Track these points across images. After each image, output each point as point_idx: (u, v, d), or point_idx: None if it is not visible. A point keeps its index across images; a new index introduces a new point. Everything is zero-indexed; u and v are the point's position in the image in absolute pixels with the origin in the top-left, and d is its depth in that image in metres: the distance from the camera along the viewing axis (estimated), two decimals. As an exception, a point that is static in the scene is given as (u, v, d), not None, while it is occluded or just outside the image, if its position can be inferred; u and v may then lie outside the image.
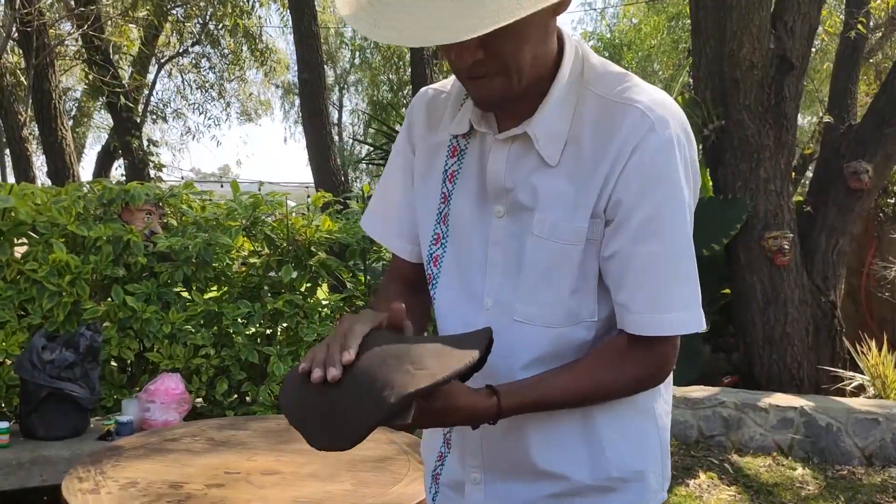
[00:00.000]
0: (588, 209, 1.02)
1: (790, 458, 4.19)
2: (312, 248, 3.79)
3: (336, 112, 23.11)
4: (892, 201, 6.35)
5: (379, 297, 1.24)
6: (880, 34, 8.14)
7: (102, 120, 12.48)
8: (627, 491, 1.11)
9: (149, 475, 1.57)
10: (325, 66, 8.81)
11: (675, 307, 1.02)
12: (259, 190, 3.94)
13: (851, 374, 5.14)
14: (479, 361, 0.98)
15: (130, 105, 7.72)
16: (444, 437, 1.19)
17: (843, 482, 3.86)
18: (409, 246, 1.22)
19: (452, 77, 1.14)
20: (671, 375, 1.16)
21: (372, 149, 8.37)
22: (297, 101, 21.80)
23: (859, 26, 5.58)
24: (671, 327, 1.02)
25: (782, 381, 5.22)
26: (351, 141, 23.69)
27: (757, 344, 5.27)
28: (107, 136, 10.85)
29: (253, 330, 3.63)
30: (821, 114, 9.58)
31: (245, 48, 9.61)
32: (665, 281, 1.02)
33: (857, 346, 5.30)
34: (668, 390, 1.18)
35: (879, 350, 5.09)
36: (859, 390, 5.08)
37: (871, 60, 7.95)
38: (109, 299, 3.40)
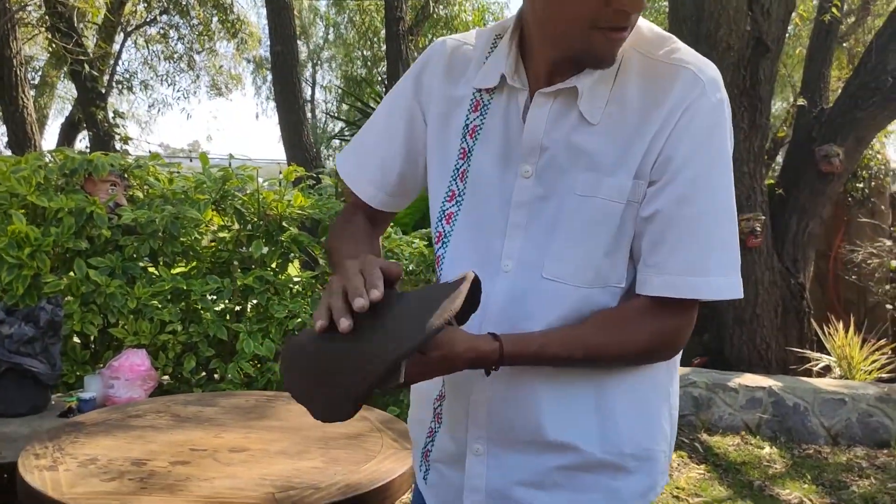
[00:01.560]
0: (632, 169, 0.99)
1: (758, 437, 4.24)
2: (284, 224, 3.70)
3: (309, 89, 22.81)
4: (861, 186, 6.42)
5: (346, 237, 1.18)
6: (853, 19, 8.19)
7: (66, 91, 12.16)
8: (637, 470, 1.07)
9: (110, 452, 1.50)
10: (298, 41, 8.65)
11: (714, 271, 0.99)
12: (229, 163, 3.84)
13: (818, 355, 5.21)
14: (472, 303, 0.95)
15: (95, 74, 7.51)
16: (434, 410, 1.14)
17: (809, 461, 3.91)
18: (380, 194, 1.19)
19: (474, 30, 1.12)
20: (679, 357, 1.13)
21: (345, 125, 8.25)
22: (270, 77, 21.50)
23: (833, 10, 5.60)
24: (708, 291, 0.99)
25: (751, 361, 5.27)
26: (324, 118, 23.43)
27: (727, 325, 5.32)
28: (71, 108, 10.58)
29: (222, 306, 3.55)
30: (792, 99, 9.65)
31: (215, 19, 9.38)
32: (706, 243, 0.99)
33: (825, 328, 5.37)
34: (677, 370, 1.15)
35: (846, 332, 5.16)
36: (826, 371, 5.15)
37: (844, 45, 8.00)
38: (72, 273, 3.30)
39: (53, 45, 7.59)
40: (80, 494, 1.30)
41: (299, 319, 3.58)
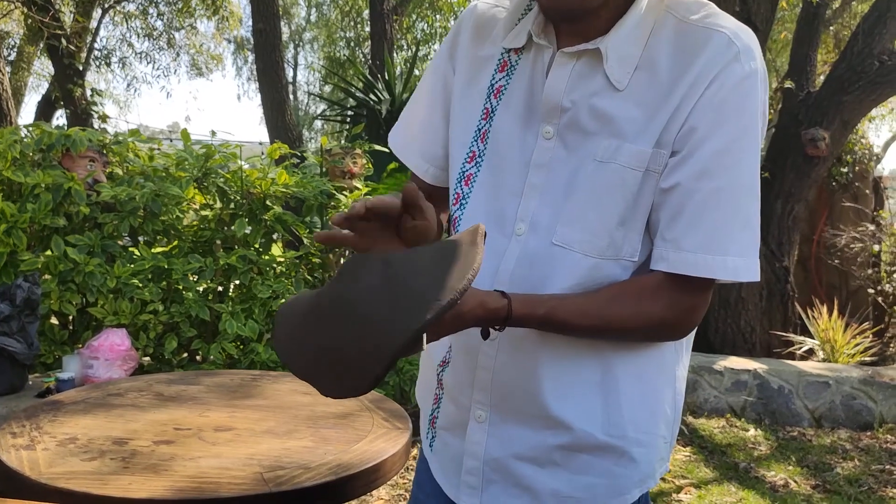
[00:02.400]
0: (654, 136, 0.94)
1: (743, 419, 4.24)
2: (268, 202, 3.64)
3: (291, 71, 22.56)
4: (846, 170, 6.44)
5: None
6: (838, 3, 8.20)
7: (43, 67, 11.90)
8: (638, 456, 1.03)
9: (90, 431, 1.45)
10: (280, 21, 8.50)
11: (732, 251, 0.94)
12: (211, 139, 3.75)
13: (802, 338, 5.23)
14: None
15: (73, 50, 7.33)
16: (437, 377, 1.12)
17: (793, 443, 3.92)
18: (430, 167, 1.16)
19: None
20: (692, 338, 1.09)
21: (329, 105, 8.15)
22: (251, 58, 21.22)
23: (822, -8, 5.58)
24: (724, 271, 0.93)
25: (736, 344, 5.28)
26: (306, 99, 23.21)
27: (712, 308, 5.31)
28: (48, 85, 10.35)
29: (204, 286, 3.48)
30: (776, 83, 9.65)
31: (196, -5, 9.21)
32: (726, 221, 0.94)
33: (808, 311, 5.39)
34: (687, 355, 1.10)
35: (830, 315, 5.18)
36: (809, 354, 5.18)
37: (830, 28, 8.00)
38: (49, 251, 3.21)
39: (30, 20, 7.40)
40: (59, 474, 1.24)
41: (283, 300, 3.52)
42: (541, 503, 1.03)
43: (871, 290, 6.19)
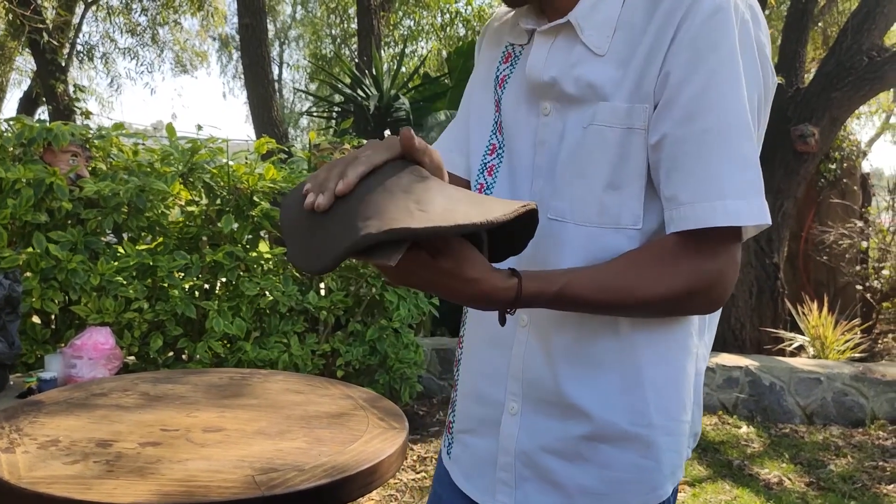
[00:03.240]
0: (629, 89, 0.90)
1: (735, 416, 4.23)
2: (255, 198, 3.57)
3: (276, 68, 22.42)
4: (834, 167, 6.45)
5: None
6: (823, 2, 8.21)
7: (25, 63, 11.73)
8: (665, 446, 0.97)
9: (73, 433, 1.39)
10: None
11: (730, 193, 0.86)
12: (197, 134, 3.67)
13: (792, 335, 5.23)
14: (518, 242, 0.85)
15: (55, 45, 7.21)
16: (455, 380, 1.10)
17: (786, 440, 3.90)
18: (451, 155, 1.15)
19: None
20: (718, 314, 1.02)
21: (316, 100, 8.08)
22: (236, 55, 21.08)
23: (811, -12, 5.58)
24: (725, 216, 0.85)
25: (726, 341, 5.27)
26: (291, 97, 23.08)
27: (702, 305, 5.29)
28: (30, 82, 10.20)
29: (190, 283, 3.41)
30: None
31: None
32: (719, 163, 0.86)
33: (798, 308, 5.39)
34: (710, 333, 1.04)
35: (819, 312, 5.18)
36: (799, 350, 5.18)
37: (818, 24, 8.02)
38: (30, 248, 3.13)
39: (10, 14, 7.28)
40: (39, 478, 1.18)
41: (270, 297, 3.46)
42: (571, 500, 0.98)
43: (859, 287, 6.20)
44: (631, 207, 0.92)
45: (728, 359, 4.52)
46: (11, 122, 3.44)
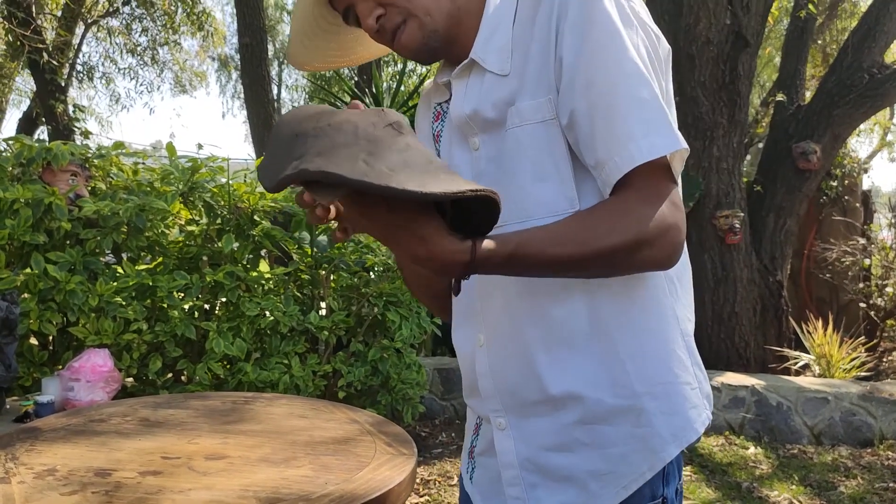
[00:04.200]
0: (533, 88, 0.97)
1: (742, 437, 4.17)
2: (255, 217, 3.54)
3: (275, 88, 22.49)
4: (835, 184, 6.43)
5: None
6: (821, 19, 8.24)
7: (25, 83, 11.73)
8: (655, 409, 0.98)
9: (70, 461, 1.34)
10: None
11: (639, 133, 0.90)
12: (197, 153, 3.65)
13: (797, 353, 5.18)
14: (477, 223, 0.86)
15: (55, 65, 7.21)
16: (470, 406, 1.15)
17: (795, 461, 3.84)
18: None
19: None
20: (688, 277, 1.06)
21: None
22: (235, 75, 21.14)
23: (810, 6, 5.58)
24: (640, 153, 0.90)
25: (730, 360, 5.22)
26: (290, 117, 23.11)
27: (706, 323, 5.25)
28: (29, 102, 10.20)
29: (190, 303, 3.36)
30: (761, 96, 9.69)
31: (180, 11, 9.10)
32: (621, 113, 0.91)
33: (802, 326, 5.34)
34: (686, 295, 1.05)
35: (825, 330, 5.13)
36: (804, 369, 5.12)
37: (818, 42, 8.04)
38: (29, 268, 3.09)
39: (10, 35, 7.28)
40: (35, 510, 1.13)
41: (271, 318, 3.41)
42: (585, 489, 0.99)
43: (862, 305, 6.16)
44: (564, 192, 0.96)
45: (733, 378, 4.47)
46: (10, 142, 3.41)
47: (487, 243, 0.86)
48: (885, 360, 5.93)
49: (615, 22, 0.93)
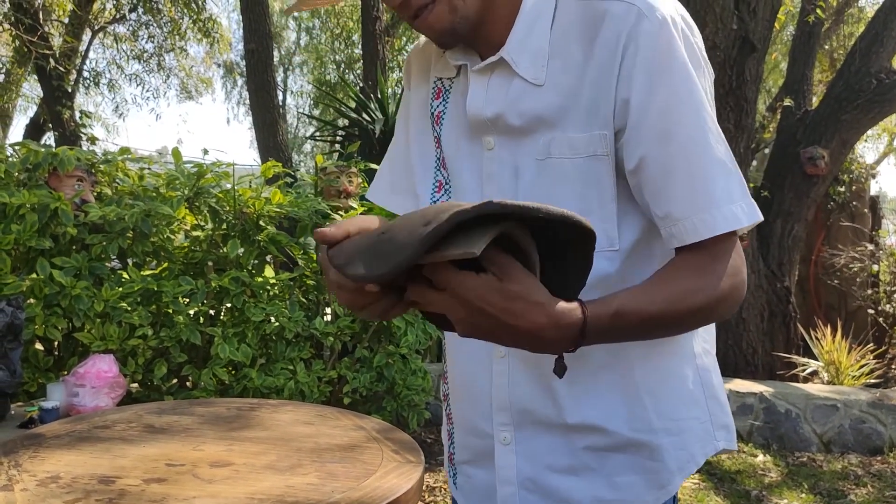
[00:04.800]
0: (584, 118, 0.92)
1: (750, 444, 4.13)
2: (261, 223, 3.53)
3: (280, 94, 22.55)
4: (843, 189, 6.39)
5: None
6: (828, 24, 8.22)
7: (32, 90, 11.78)
8: (670, 445, 0.98)
9: (74, 468, 1.33)
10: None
11: (722, 199, 0.88)
12: (203, 158, 3.64)
13: (806, 360, 5.14)
14: (566, 269, 0.81)
15: (61, 70, 7.23)
16: (446, 412, 1.10)
17: (804, 469, 3.81)
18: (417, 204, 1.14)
19: None
20: None
21: (321, 125, 8.07)
22: (241, 81, 21.20)
23: (818, 10, 5.56)
24: (725, 222, 0.87)
25: (738, 366, 5.19)
26: (295, 123, 23.18)
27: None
28: (36, 108, 10.24)
29: (195, 309, 3.35)
30: (767, 101, 9.66)
31: (186, 17, 9.13)
32: (703, 172, 0.88)
33: (811, 332, 5.30)
34: (706, 330, 1.05)
35: (833, 336, 5.09)
36: (812, 376, 5.08)
37: (825, 47, 8.02)
38: (34, 274, 3.08)
39: (17, 42, 7.31)
40: (38, 518, 1.12)
41: (277, 323, 3.40)
42: None
43: (871, 311, 6.12)
44: (605, 230, 0.93)
45: (741, 385, 4.44)
46: (17, 147, 3.41)
47: (594, 306, 0.83)
48: (893, 367, 5.89)
49: (690, 70, 0.89)
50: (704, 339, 1.04)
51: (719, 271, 0.89)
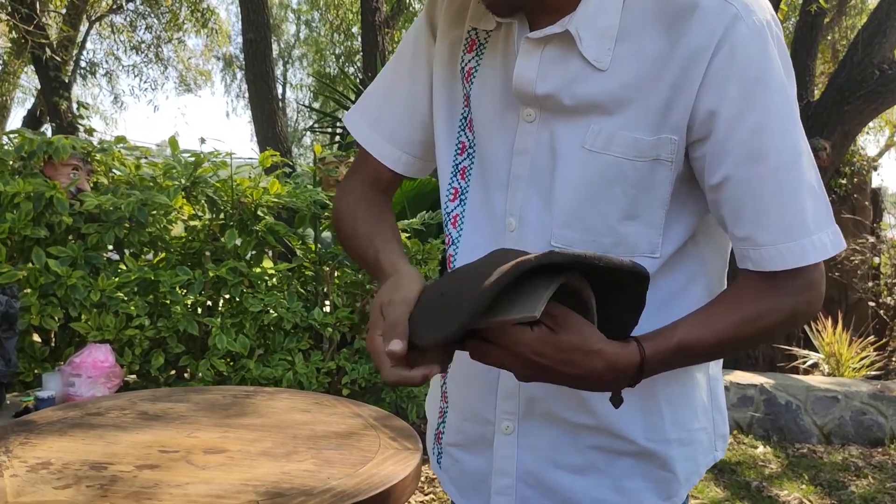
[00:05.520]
0: (654, 120, 0.82)
1: (751, 436, 4.12)
2: (259, 213, 3.50)
3: (280, 88, 22.49)
4: (844, 182, 6.36)
5: (373, 224, 1.03)
6: (830, 15, 8.18)
7: (29, 81, 11.74)
8: (680, 456, 0.94)
9: (65, 454, 1.30)
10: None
11: (813, 228, 0.82)
12: (200, 147, 3.61)
13: (806, 352, 5.12)
14: (630, 299, 0.78)
15: (58, 60, 7.19)
16: (441, 390, 1.03)
17: (805, 461, 3.79)
18: (402, 155, 1.04)
19: None
20: None
21: (321, 116, 8.04)
22: (240, 75, 21.13)
23: (821, 1, 5.52)
24: (815, 252, 0.82)
25: (738, 358, 5.16)
26: (295, 116, 23.14)
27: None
28: (34, 100, 10.19)
29: (192, 299, 3.33)
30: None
31: (184, 7, 9.07)
32: (794, 199, 0.82)
33: (811, 324, 5.28)
34: None
35: (834, 329, 5.07)
36: (813, 368, 5.07)
37: (828, 38, 7.98)
38: (30, 263, 3.06)
39: (14, 32, 7.27)
40: (27, 505, 1.09)
41: (275, 314, 3.38)
42: None
43: (871, 304, 6.10)
44: (649, 237, 0.87)
45: (742, 377, 4.42)
46: (12, 136, 3.38)
47: (652, 343, 0.80)
48: (894, 359, 5.87)
49: (785, 84, 0.82)
50: None
51: (799, 292, 0.85)
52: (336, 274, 3.74)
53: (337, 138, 6.57)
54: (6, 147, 3.23)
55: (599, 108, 0.85)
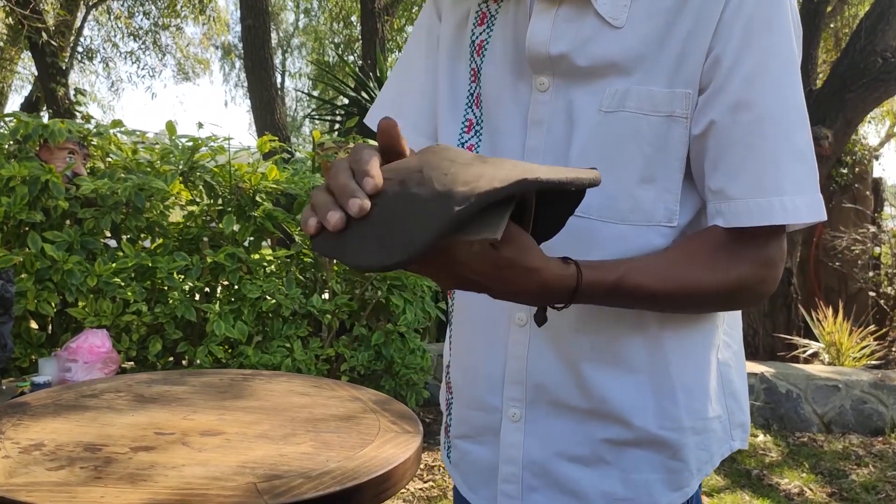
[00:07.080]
0: (668, 72, 0.80)
1: (751, 424, 4.10)
2: (257, 198, 3.47)
3: (279, 77, 22.40)
4: (845, 171, 6.34)
5: None
6: (833, 3, 8.12)
7: (26, 68, 11.67)
8: (694, 445, 0.90)
9: (59, 436, 1.28)
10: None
11: (788, 188, 0.78)
12: (198, 132, 3.57)
13: (806, 341, 5.11)
14: (550, 226, 0.75)
15: (54, 45, 7.13)
16: (447, 381, 1.00)
17: (805, 449, 3.78)
18: (421, 139, 1.00)
19: None
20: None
21: (321, 103, 8.00)
22: (238, 64, 21.05)
23: (824, -11, 5.48)
24: (784, 213, 0.78)
25: (738, 348, 5.15)
26: (294, 105, 23.06)
27: (714, 310, 5.18)
28: (30, 87, 10.13)
29: (190, 285, 3.30)
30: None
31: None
32: (774, 154, 0.78)
33: (812, 314, 5.27)
34: (733, 318, 0.96)
35: (834, 318, 5.06)
36: (813, 357, 5.06)
37: (830, 26, 7.93)
38: (25, 248, 3.03)
39: (11, 18, 7.20)
40: (19, 486, 1.07)
41: (273, 301, 3.35)
42: None
43: (872, 293, 6.08)
44: (667, 202, 0.84)
45: (742, 365, 4.40)
46: (7, 119, 3.34)
47: (592, 272, 0.76)
48: (894, 348, 5.86)
49: (791, 34, 0.79)
50: (726, 332, 0.96)
51: (751, 260, 0.81)
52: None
53: (336, 125, 6.53)
54: (1, 130, 3.20)
55: (615, 69, 0.82)
